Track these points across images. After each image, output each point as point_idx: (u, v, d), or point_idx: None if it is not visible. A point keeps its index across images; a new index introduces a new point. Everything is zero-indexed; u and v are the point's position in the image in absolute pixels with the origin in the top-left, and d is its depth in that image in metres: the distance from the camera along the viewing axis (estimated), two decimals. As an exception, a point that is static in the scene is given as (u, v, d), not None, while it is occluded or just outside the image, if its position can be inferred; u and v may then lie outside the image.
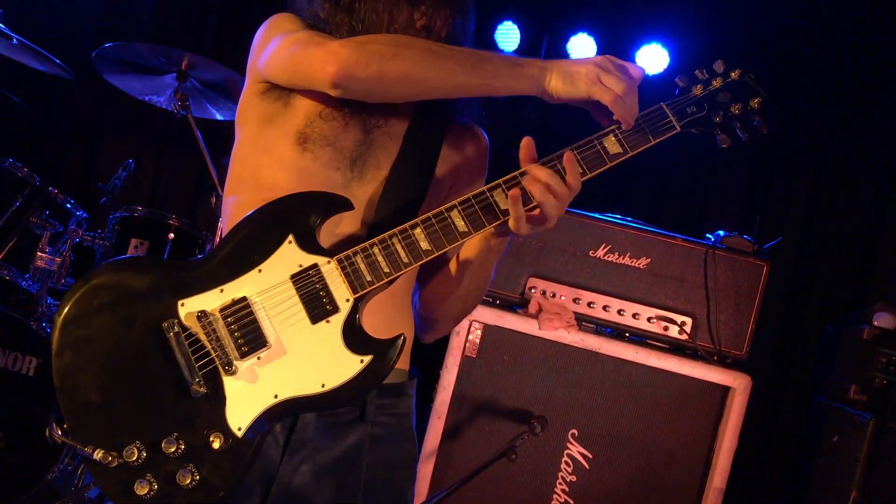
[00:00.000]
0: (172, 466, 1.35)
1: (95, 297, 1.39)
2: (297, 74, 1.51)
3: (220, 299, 1.41)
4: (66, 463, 3.28)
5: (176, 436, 1.35)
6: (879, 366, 3.08)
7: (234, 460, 1.36)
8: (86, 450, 1.33)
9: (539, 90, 1.48)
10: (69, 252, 3.50)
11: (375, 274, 1.42)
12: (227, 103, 3.86)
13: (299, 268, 1.42)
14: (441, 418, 2.84)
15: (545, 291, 2.97)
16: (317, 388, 1.38)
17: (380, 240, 1.44)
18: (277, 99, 1.59)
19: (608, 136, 1.49)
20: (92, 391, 1.37)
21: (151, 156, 4.87)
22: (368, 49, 1.44)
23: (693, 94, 1.54)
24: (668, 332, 2.96)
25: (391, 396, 1.61)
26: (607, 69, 1.44)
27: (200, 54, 3.54)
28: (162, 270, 1.44)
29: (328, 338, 1.40)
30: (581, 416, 2.88)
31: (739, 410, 2.86)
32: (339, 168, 1.56)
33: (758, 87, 1.54)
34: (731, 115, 1.54)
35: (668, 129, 1.52)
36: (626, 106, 1.44)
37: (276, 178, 1.55)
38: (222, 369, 1.38)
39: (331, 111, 1.56)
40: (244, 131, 1.65)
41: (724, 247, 3.00)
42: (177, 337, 1.37)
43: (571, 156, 1.44)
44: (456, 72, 1.46)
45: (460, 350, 2.87)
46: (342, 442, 1.54)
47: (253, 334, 1.40)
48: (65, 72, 3.64)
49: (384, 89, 1.47)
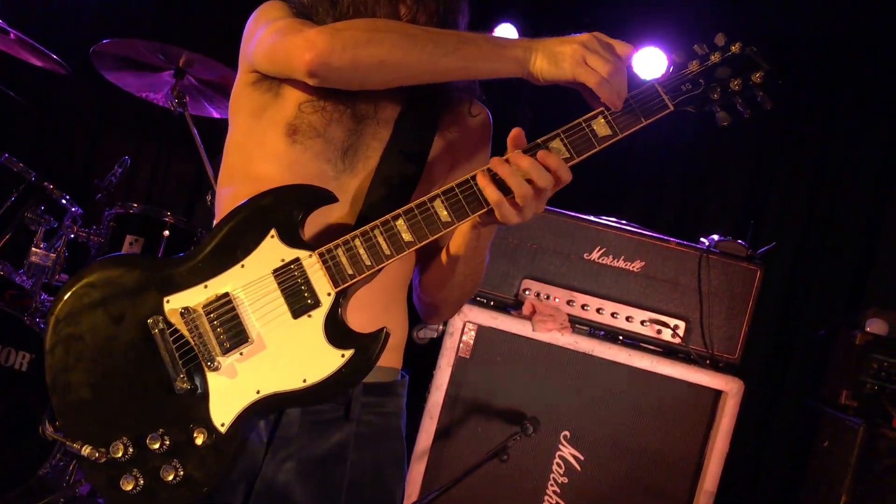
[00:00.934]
0: (157, 462, 1.36)
1: (86, 295, 1.41)
2: (277, 63, 1.49)
3: (204, 295, 1.41)
4: (58, 459, 3.28)
5: (161, 432, 1.36)
6: (871, 371, 3.08)
7: (217, 456, 1.36)
8: (75, 446, 1.36)
9: (524, 72, 1.43)
10: (64, 248, 3.50)
11: (357, 267, 1.41)
12: (224, 101, 3.85)
13: (281, 262, 1.42)
14: (433, 418, 2.84)
15: (539, 293, 2.97)
16: (298, 384, 1.38)
17: (361, 232, 1.42)
18: (268, 90, 1.58)
19: (597, 118, 1.42)
20: (82, 388, 1.39)
21: (148, 153, 4.87)
22: (343, 35, 1.41)
23: (688, 71, 1.45)
24: (662, 335, 2.96)
25: (378, 395, 1.59)
26: (593, 49, 1.38)
27: (198, 52, 3.54)
28: (150, 267, 1.44)
29: (309, 332, 1.40)
30: (573, 417, 2.88)
31: (731, 414, 2.86)
32: (330, 160, 1.54)
33: (760, 61, 1.44)
34: (731, 90, 1.45)
35: (660, 109, 1.43)
36: (613, 88, 1.37)
37: (267, 170, 1.54)
38: (205, 365, 1.38)
39: (319, 101, 1.54)
40: (236, 122, 1.64)
41: (718, 251, 3.00)
42: (161, 334, 1.38)
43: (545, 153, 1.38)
44: (436, 55, 1.41)
45: (454, 350, 2.86)
46: (326, 440, 1.53)
47: (235, 330, 1.39)
48: (62, 67, 3.64)
49: (361, 77, 1.44)
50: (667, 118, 1.47)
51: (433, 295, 1.69)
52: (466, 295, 1.70)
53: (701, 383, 2.88)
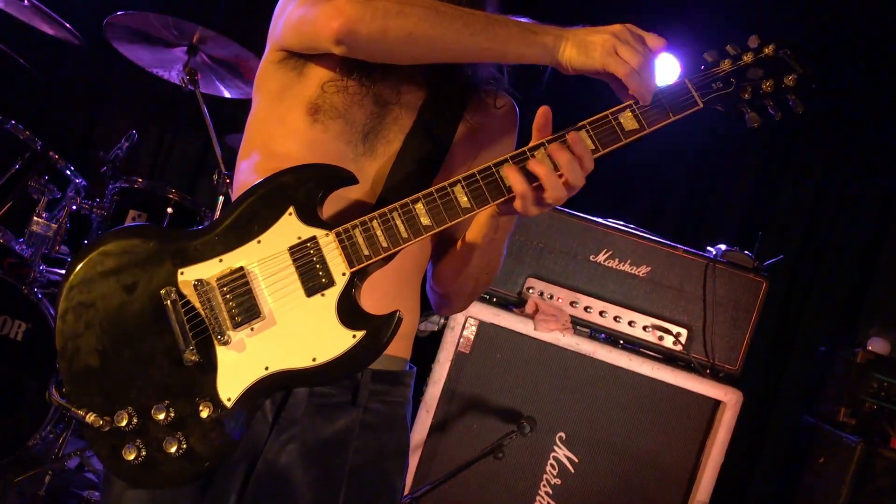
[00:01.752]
0: (161, 433, 1.34)
1: (100, 264, 1.40)
2: (305, 34, 1.47)
3: (219, 268, 1.39)
4: (48, 431, 3.25)
5: (167, 403, 1.35)
6: (871, 390, 3.07)
7: (221, 430, 1.35)
8: (80, 413, 1.34)
9: (552, 60, 1.40)
10: (66, 219, 3.47)
11: (373, 248, 1.39)
12: (235, 81, 3.83)
13: (298, 240, 1.40)
14: (430, 412, 2.82)
15: (543, 292, 2.95)
16: (307, 362, 1.36)
17: (379, 213, 1.40)
18: (293, 68, 1.56)
19: (625, 111, 1.40)
20: (91, 356, 1.37)
21: (154, 128, 4.85)
22: (373, 5, 1.38)
23: (720, 69, 1.43)
24: (663, 341, 2.95)
25: (386, 383, 1.57)
26: (625, 39, 1.35)
27: (212, 29, 3.51)
28: (166, 239, 1.42)
29: (322, 311, 1.38)
30: (570, 419, 2.86)
31: (728, 425, 2.84)
32: (351, 142, 1.53)
33: (794, 64, 1.41)
34: (763, 92, 1.42)
35: (689, 105, 1.41)
36: (642, 80, 1.35)
37: (288, 149, 1.52)
38: (215, 339, 1.37)
39: (341, 81, 1.52)
40: (259, 100, 1.63)
41: (725, 261, 2.99)
42: (173, 305, 1.37)
43: (576, 136, 1.36)
44: (463, 33, 1.39)
45: (454, 345, 2.85)
46: (332, 425, 1.51)
47: (247, 304, 1.38)
48: (74, 37, 3.61)
49: (388, 48, 1.41)
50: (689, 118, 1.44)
51: (447, 285, 1.67)
52: (480, 288, 1.68)
53: (700, 392, 2.87)
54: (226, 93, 3.95)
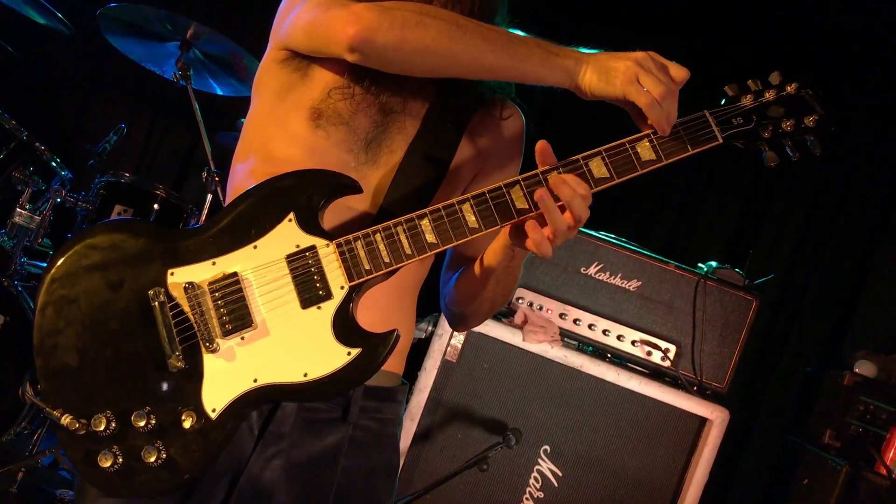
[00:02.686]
0: (140, 441, 1.28)
1: (86, 257, 1.34)
2: (316, 37, 1.42)
3: (211, 272, 1.35)
4: (23, 427, 3.19)
5: (148, 410, 1.29)
6: (857, 413, 3.07)
7: (203, 442, 1.29)
8: (55, 413, 1.28)
9: (572, 83, 1.37)
10: (49, 211, 3.41)
11: (374, 263, 1.35)
12: (228, 78, 3.78)
13: (296, 248, 1.35)
14: (414, 420, 2.78)
15: (532, 303, 2.92)
16: (298, 377, 1.31)
17: (383, 227, 1.36)
18: (296, 69, 1.52)
19: (642, 140, 1.37)
20: (69, 354, 1.31)
21: (143, 123, 4.79)
22: (392, 14, 1.35)
23: (742, 105, 1.41)
24: (651, 357, 2.93)
25: (378, 400, 1.53)
26: (647, 68, 1.32)
27: (207, 25, 3.46)
28: (157, 237, 1.37)
29: (317, 325, 1.33)
30: (555, 432, 2.84)
31: (714, 443, 2.83)
32: (352, 150, 1.49)
33: (815, 104, 1.40)
34: (782, 131, 1.40)
35: (709, 140, 1.38)
36: (663, 111, 1.32)
37: (287, 152, 1.48)
38: (203, 346, 1.32)
39: (348, 88, 1.48)
40: (259, 100, 1.58)
41: (716, 278, 2.98)
42: (161, 307, 1.31)
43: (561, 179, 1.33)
44: (483, 50, 1.35)
45: (441, 353, 2.81)
46: (320, 441, 1.46)
47: (239, 312, 1.33)
48: (65, 27, 3.55)
49: (404, 59, 1.37)
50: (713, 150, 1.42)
51: (464, 307, 1.63)
52: (495, 309, 1.64)
53: (687, 409, 2.85)
54: (218, 90, 3.90)
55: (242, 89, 3.83)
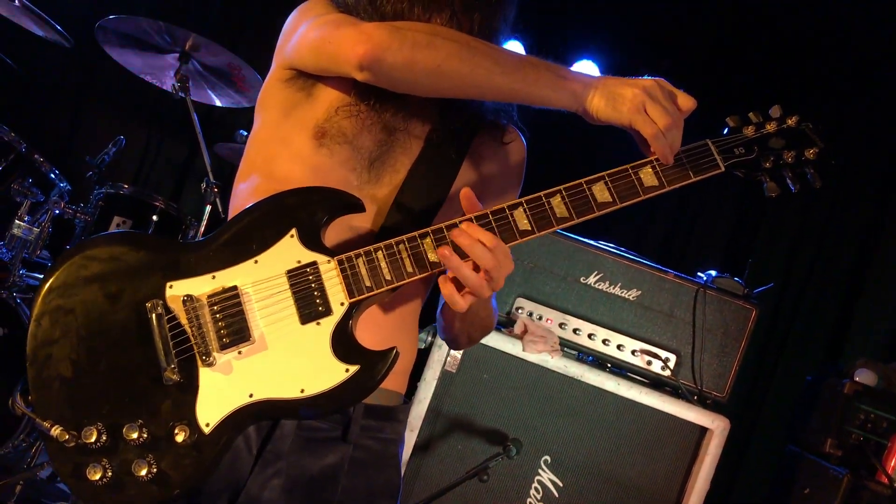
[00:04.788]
0: (131, 454, 1.27)
1: (85, 268, 1.33)
2: (325, 55, 1.42)
3: (211, 285, 1.34)
4: (20, 440, 3.18)
5: (140, 423, 1.28)
6: (857, 422, 3.06)
7: (196, 458, 1.27)
8: (44, 424, 1.26)
9: (579, 107, 1.37)
10: (48, 223, 3.40)
11: (375, 280, 1.34)
12: (227, 89, 3.79)
13: (297, 263, 1.35)
14: (413, 431, 2.77)
15: (532, 313, 2.92)
16: (295, 393, 1.30)
17: (385, 245, 1.36)
18: (301, 88, 1.52)
19: (646, 167, 1.39)
20: (63, 364, 1.30)
21: (141, 134, 4.80)
22: (403, 34, 1.35)
23: (744, 136, 1.44)
24: (651, 366, 2.93)
25: (379, 419, 1.51)
26: (655, 97, 1.33)
27: (205, 37, 3.47)
28: (157, 249, 1.36)
29: (315, 341, 1.32)
30: (556, 442, 2.83)
31: (715, 453, 2.82)
32: (356, 169, 1.49)
33: (815, 138, 1.43)
34: (783, 162, 1.43)
35: (710, 168, 1.41)
36: (668, 141, 1.33)
37: (290, 170, 1.48)
38: (200, 359, 1.31)
39: (353, 107, 1.48)
40: (263, 118, 1.58)
41: (716, 287, 2.97)
42: (159, 319, 1.30)
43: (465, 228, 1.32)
44: (493, 72, 1.35)
45: (440, 364, 2.81)
46: (319, 460, 1.44)
47: (237, 326, 1.32)
48: (64, 40, 3.55)
49: (413, 79, 1.37)
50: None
51: (447, 333, 1.64)
52: (475, 340, 1.65)
53: (687, 419, 2.84)
54: (217, 101, 3.91)
55: (241, 100, 3.83)
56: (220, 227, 1.40)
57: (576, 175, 1.39)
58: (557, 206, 1.37)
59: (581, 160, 4.55)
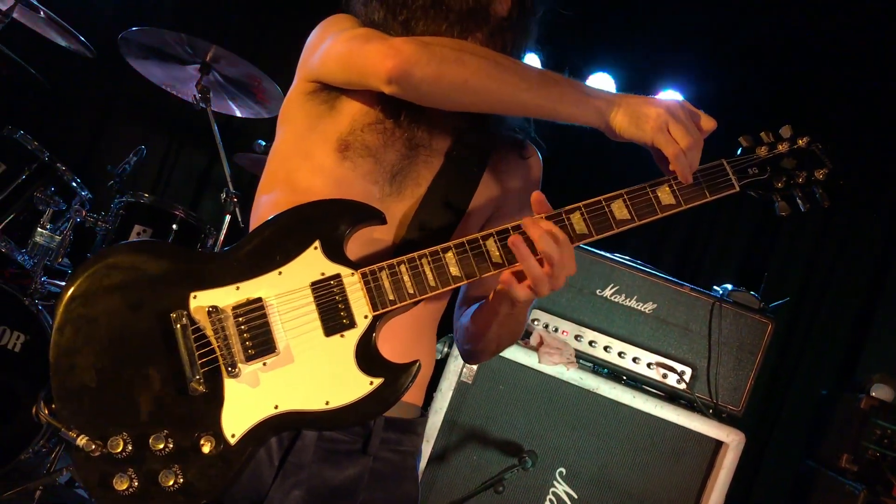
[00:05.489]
0: (157, 465, 1.28)
1: (107, 277, 1.34)
2: (353, 69, 1.44)
3: (235, 297, 1.35)
4: (41, 445, 3.21)
5: (166, 433, 1.28)
6: (874, 437, 3.05)
7: (222, 468, 1.28)
8: (70, 434, 1.27)
9: (603, 124, 1.40)
10: (70, 231, 3.45)
11: (399, 293, 1.36)
12: (246, 100, 3.83)
13: (321, 276, 1.37)
14: (429, 442, 2.79)
15: (548, 325, 2.93)
16: (320, 405, 1.31)
17: (408, 259, 1.38)
18: (324, 101, 1.54)
19: (663, 185, 1.41)
20: (87, 373, 1.30)
21: (160, 144, 4.85)
22: (431, 49, 1.37)
23: (757, 157, 1.46)
24: (667, 379, 2.93)
25: (398, 432, 1.53)
26: (678, 118, 1.35)
27: (225, 48, 3.51)
28: (180, 259, 1.37)
29: (340, 353, 1.34)
30: (571, 454, 2.83)
31: (730, 467, 2.82)
32: (378, 181, 1.50)
33: (824, 159, 1.46)
34: (794, 182, 1.46)
35: (726, 188, 1.43)
36: (688, 161, 1.36)
37: (312, 183, 1.50)
38: (225, 370, 1.32)
39: (376, 121, 1.50)
40: (286, 131, 1.59)
41: (731, 301, 2.98)
42: (183, 329, 1.31)
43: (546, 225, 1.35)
44: (520, 88, 1.38)
45: (456, 375, 2.82)
46: (340, 472, 1.46)
47: (262, 338, 1.34)
48: (87, 50, 3.61)
49: (440, 93, 1.38)
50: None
51: (472, 344, 1.64)
52: (503, 347, 1.66)
53: (702, 432, 2.84)
54: (237, 111, 3.95)
55: (261, 111, 3.87)
56: (244, 238, 1.41)
57: (581, 191, 1.43)
58: (577, 222, 1.40)
59: (588, 175, 4.57)
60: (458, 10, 1.52)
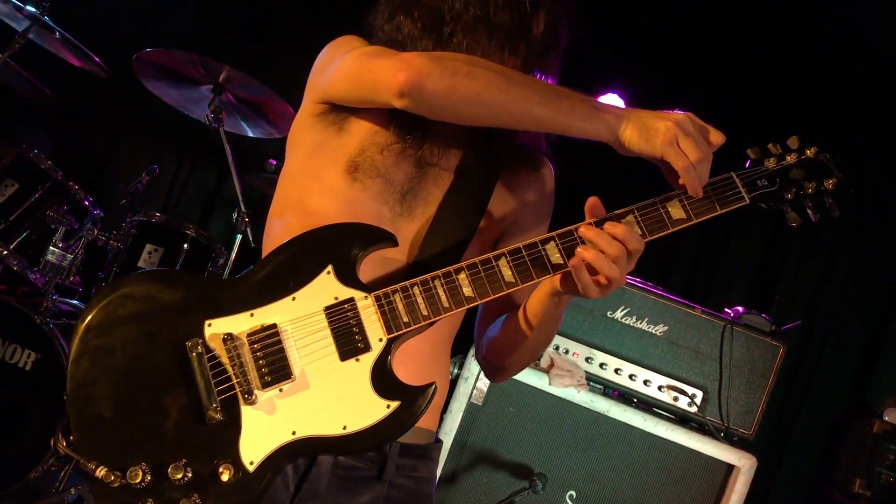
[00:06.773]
0: (176, 494, 1.27)
1: (122, 307, 1.34)
2: (364, 85, 1.44)
3: (249, 324, 1.36)
4: (50, 463, 3.22)
5: (184, 462, 1.28)
6: (887, 462, 3.03)
7: (241, 496, 1.28)
8: (89, 465, 1.27)
9: (612, 138, 1.39)
10: (81, 250, 3.47)
11: (413, 316, 1.36)
12: (258, 121, 3.85)
13: (335, 300, 1.37)
14: (439, 463, 2.77)
15: (559, 347, 2.93)
16: (337, 430, 1.31)
17: (421, 281, 1.38)
18: (333, 123, 1.54)
19: (673, 200, 1.41)
20: (104, 404, 1.30)
21: (172, 163, 4.86)
22: (443, 62, 1.37)
23: (766, 168, 1.46)
24: (678, 402, 2.92)
25: (413, 458, 1.53)
26: (687, 131, 1.35)
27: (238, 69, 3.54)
28: (194, 287, 1.38)
29: (355, 377, 1.34)
30: (581, 477, 2.82)
31: (742, 491, 2.80)
32: (388, 202, 1.51)
33: (833, 169, 1.45)
34: (804, 193, 1.46)
35: (736, 201, 1.43)
36: (698, 175, 1.36)
37: (323, 205, 1.50)
38: (242, 398, 1.32)
39: (385, 141, 1.51)
40: (295, 153, 1.60)
41: (743, 323, 2.97)
42: (199, 358, 1.31)
43: (612, 225, 1.38)
44: (531, 102, 1.38)
45: (466, 396, 2.81)
46: (355, 499, 1.46)
47: (278, 364, 1.34)
48: (101, 70, 3.64)
49: (453, 107, 1.38)
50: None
51: (504, 358, 1.63)
52: (535, 357, 1.65)
53: (713, 456, 2.82)
54: (249, 132, 3.97)
55: (272, 131, 3.90)
56: (256, 264, 1.41)
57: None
58: None
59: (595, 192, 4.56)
60: (506, 28, 1.53)
